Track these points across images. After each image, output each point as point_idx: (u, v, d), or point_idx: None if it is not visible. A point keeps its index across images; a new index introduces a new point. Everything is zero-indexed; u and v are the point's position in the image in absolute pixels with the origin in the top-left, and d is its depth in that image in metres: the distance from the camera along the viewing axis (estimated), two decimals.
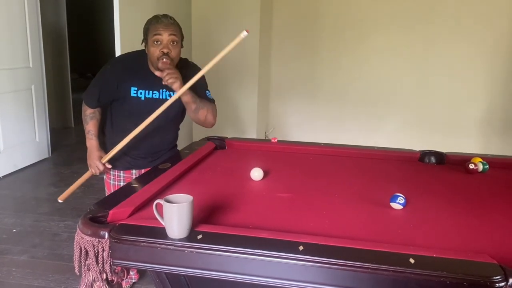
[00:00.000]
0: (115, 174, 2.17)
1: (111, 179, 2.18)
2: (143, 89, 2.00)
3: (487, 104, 4.70)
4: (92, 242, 1.20)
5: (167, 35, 1.89)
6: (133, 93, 1.99)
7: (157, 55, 1.89)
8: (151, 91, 2.01)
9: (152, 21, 1.92)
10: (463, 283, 1.00)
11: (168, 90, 2.02)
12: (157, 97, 2.02)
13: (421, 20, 4.64)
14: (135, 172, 2.17)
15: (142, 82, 2.00)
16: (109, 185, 2.20)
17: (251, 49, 4.59)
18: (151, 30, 1.89)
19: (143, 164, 2.14)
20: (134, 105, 2.01)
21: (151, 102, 2.00)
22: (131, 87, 1.99)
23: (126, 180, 2.15)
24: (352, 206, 1.53)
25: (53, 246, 2.94)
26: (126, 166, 2.15)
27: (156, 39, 1.88)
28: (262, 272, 1.12)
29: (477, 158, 2.01)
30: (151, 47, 1.90)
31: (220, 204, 1.47)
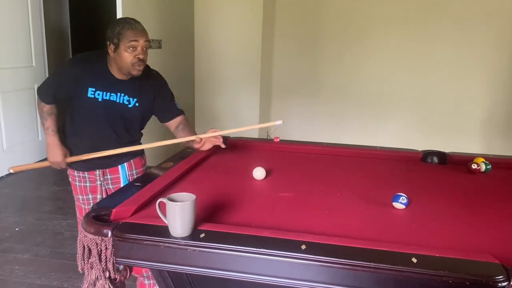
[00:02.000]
0: (79, 175, 2.11)
1: (76, 181, 2.13)
2: (101, 90, 1.96)
3: (490, 104, 4.69)
4: (95, 240, 1.20)
5: (142, 41, 1.88)
6: (91, 93, 1.95)
7: (131, 61, 1.87)
8: (109, 93, 1.97)
9: (125, 25, 1.87)
10: (465, 282, 1.00)
11: (126, 94, 2.00)
12: (114, 99, 1.98)
13: (423, 19, 4.64)
14: (99, 172, 2.11)
15: (101, 83, 1.96)
16: (76, 187, 2.14)
17: (253, 48, 4.60)
18: (126, 36, 1.85)
19: (107, 163, 2.10)
20: (90, 105, 1.97)
21: (108, 104, 1.98)
22: (88, 87, 1.95)
23: (91, 181, 2.11)
24: (354, 206, 1.53)
25: (55, 245, 2.95)
26: (90, 166, 2.09)
27: (132, 45, 1.85)
28: (265, 271, 1.12)
29: (479, 158, 2.01)
30: (125, 53, 1.86)
31: (222, 203, 1.47)
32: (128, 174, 2.15)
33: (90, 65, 1.98)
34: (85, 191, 2.13)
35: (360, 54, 4.88)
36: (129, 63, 1.88)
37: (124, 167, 2.14)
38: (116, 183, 2.13)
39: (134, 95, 2.01)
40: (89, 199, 2.14)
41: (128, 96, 2.00)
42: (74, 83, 1.95)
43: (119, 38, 1.85)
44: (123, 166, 2.13)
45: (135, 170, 2.17)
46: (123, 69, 1.92)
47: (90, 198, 2.13)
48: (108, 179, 2.14)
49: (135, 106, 2.02)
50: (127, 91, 1.99)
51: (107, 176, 2.13)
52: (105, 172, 2.12)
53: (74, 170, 2.12)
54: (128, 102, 2.01)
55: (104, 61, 1.97)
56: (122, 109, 2.01)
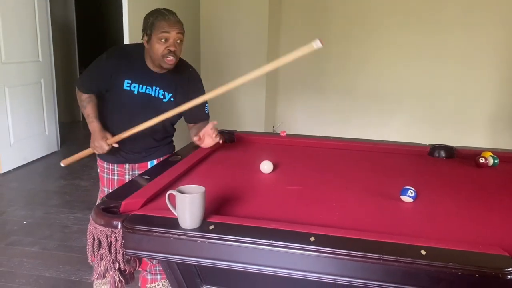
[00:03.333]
0: (109, 167, 2.14)
1: (105, 173, 2.16)
2: (137, 83, 1.95)
3: (497, 99, 4.67)
4: (105, 232, 1.21)
5: (174, 33, 1.84)
6: (126, 86, 1.95)
7: (161, 52, 1.84)
8: (145, 86, 1.97)
9: (159, 16, 1.84)
10: (474, 274, 1.00)
11: (162, 88, 1.99)
12: (150, 92, 1.98)
13: (430, 15, 4.61)
14: (128, 167, 2.14)
15: (137, 76, 1.95)
16: (103, 178, 2.17)
17: (259, 43, 4.59)
18: (157, 27, 1.83)
19: (137, 158, 2.12)
20: (126, 98, 1.97)
21: (143, 97, 1.97)
22: (124, 79, 1.94)
23: (120, 174, 2.13)
24: (362, 199, 1.53)
25: (63, 238, 2.97)
26: (120, 160, 2.11)
27: (164, 36, 1.82)
28: (273, 263, 1.13)
29: (487, 152, 2.00)
30: (156, 44, 1.84)
31: (230, 196, 1.48)
32: None
33: (127, 56, 1.96)
34: (112, 184, 2.15)
35: (367, 49, 4.86)
36: (159, 55, 1.84)
37: (153, 163, 2.12)
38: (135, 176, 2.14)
39: (170, 90, 1.99)
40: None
41: (163, 90, 1.98)
42: (111, 74, 1.94)
43: (152, 29, 1.83)
44: (152, 163, 2.13)
45: None
46: (154, 61, 1.90)
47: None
48: (136, 175, 2.10)
49: (170, 101, 2.00)
50: (163, 85, 1.97)
51: (135, 172, 2.13)
52: (134, 167, 2.13)
53: (104, 162, 2.13)
54: (163, 96, 1.99)
55: (141, 53, 1.95)
56: (157, 103, 1.99)
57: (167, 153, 2.18)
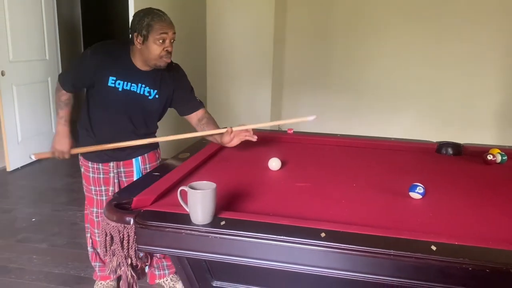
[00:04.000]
0: (94, 166, 2.11)
1: (90, 172, 2.13)
2: (121, 80, 1.94)
3: (504, 95, 4.64)
4: (118, 228, 1.23)
5: (171, 33, 1.87)
6: (111, 82, 1.93)
7: (159, 53, 1.86)
8: (130, 83, 1.95)
9: (155, 17, 1.84)
10: (485, 270, 1.01)
11: (148, 86, 1.98)
12: (135, 90, 1.96)
13: (435, 12, 4.59)
14: (113, 165, 2.11)
15: (122, 72, 1.94)
16: (88, 178, 2.14)
17: (265, 40, 4.59)
18: (155, 28, 1.83)
19: (121, 156, 2.11)
20: (110, 94, 1.96)
21: (128, 94, 1.96)
22: (109, 76, 1.93)
23: (105, 172, 2.11)
24: (371, 196, 1.54)
25: (72, 235, 3.00)
26: (105, 158, 2.10)
27: (162, 37, 1.83)
28: (284, 258, 1.14)
29: (495, 149, 2.00)
30: (154, 45, 1.84)
31: (240, 193, 1.49)
32: (142, 168, 2.15)
33: (113, 53, 1.96)
34: (99, 183, 2.13)
35: (373, 47, 4.85)
36: (157, 55, 1.86)
37: (138, 160, 2.14)
38: (129, 176, 2.14)
39: (155, 86, 1.99)
40: (102, 190, 2.14)
41: (149, 88, 1.98)
42: (95, 70, 1.93)
43: (148, 30, 1.82)
44: (137, 160, 2.13)
45: (149, 164, 2.17)
46: (149, 61, 1.90)
47: (103, 189, 2.14)
48: (122, 172, 2.14)
49: (155, 97, 2.00)
50: (148, 82, 1.97)
51: (121, 169, 2.14)
52: (119, 165, 2.13)
53: (88, 161, 2.12)
54: (148, 93, 1.99)
55: (127, 51, 1.94)
56: (142, 100, 1.99)
57: (152, 149, 2.18)
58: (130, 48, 1.94)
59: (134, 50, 1.93)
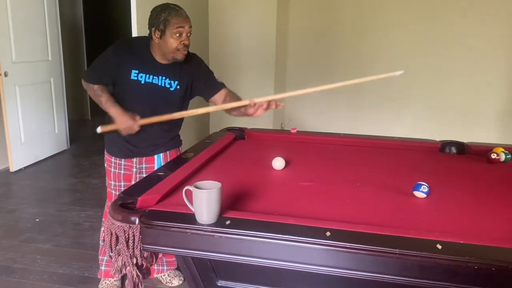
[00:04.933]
0: (116, 162, 2.17)
1: (112, 167, 2.19)
2: (143, 73, 2.01)
3: (508, 94, 4.63)
4: (123, 228, 1.23)
5: (187, 27, 1.93)
6: (134, 75, 2.01)
7: (177, 46, 1.92)
8: (151, 76, 2.03)
9: (172, 12, 1.91)
10: (491, 268, 1.01)
11: (168, 77, 2.04)
12: (157, 82, 2.03)
13: (440, 11, 4.59)
14: (136, 160, 2.17)
15: (144, 66, 2.01)
16: (110, 173, 2.20)
17: (267, 39, 4.59)
18: (172, 23, 1.89)
19: (144, 152, 2.16)
20: (133, 87, 2.03)
21: (150, 87, 2.03)
22: (132, 69, 2.00)
23: (127, 169, 2.17)
24: (375, 194, 1.54)
25: (75, 235, 3.00)
26: (128, 154, 2.15)
27: (179, 31, 1.90)
28: (289, 257, 1.14)
29: (499, 148, 1.99)
30: (171, 39, 1.91)
31: (244, 192, 1.49)
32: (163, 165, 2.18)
33: (133, 48, 2.04)
34: (118, 178, 2.19)
35: (376, 46, 4.85)
36: (174, 49, 1.92)
37: (160, 157, 2.19)
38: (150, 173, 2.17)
39: (175, 78, 2.05)
40: (121, 185, 2.19)
41: (169, 79, 2.05)
42: (118, 65, 2.01)
43: (165, 25, 1.89)
44: (158, 156, 2.19)
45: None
46: (167, 55, 1.97)
47: (122, 185, 2.19)
48: (143, 168, 2.19)
49: (176, 89, 2.06)
50: (168, 75, 2.03)
51: (143, 165, 2.19)
52: (141, 161, 2.18)
53: (111, 156, 2.18)
54: (170, 85, 2.05)
55: (147, 45, 2.02)
56: (164, 92, 2.05)
57: (174, 148, 2.24)
58: (150, 43, 2.01)
59: (153, 45, 2.00)
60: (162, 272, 2.35)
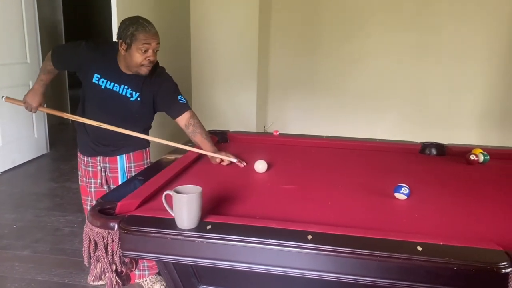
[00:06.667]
0: (84, 159, 2.23)
1: (82, 164, 2.25)
2: (105, 78, 2.03)
3: (486, 96, 4.72)
4: (102, 234, 1.21)
5: (154, 44, 1.93)
6: (95, 79, 2.03)
7: (141, 62, 1.92)
8: (113, 83, 2.04)
9: (139, 28, 1.89)
10: (470, 269, 1.02)
11: (130, 88, 2.04)
12: (117, 90, 2.04)
13: (419, 13, 4.65)
14: (100, 159, 2.18)
15: (107, 72, 2.03)
16: (81, 169, 2.28)
17: (250, 43, 4.59)
18: (139, 38, 1.89)
19: (106, 152, 2.17)
20: (93, 90, 2.05)
21: (110, 93, 2.04)
22: (94, 73, 2.03)
23: (93, 166, 2.20)
24: (357, 197, 1.54)
25: (55, 241, 2.94)
26: (92, 152, 2.19)
27: (145, 47, 1.89)
28: (271, 261, 1.13)
29: (478, 149, 2.03)
30: (136, 53, 1.91)
31: (226, 196, 1.48)
32: (126, 166, 2.19)
33: (102, 53, 2.05)
34: (88, 175, 2.23)
35: (357, 48, 4.89)
36: (139, 64, 1.93)
37: (122, 158, 2.18)
38: (114, 173, 2.19)
39: (137, 89, 2.04)
40: (91, 182, 2.23)
41: (131, 90, 2.04)
42: (83, 64, 2.04)
43: (132, 40, 1.89)
44: (121, 157, 2.18)
45: (134, 163, 2.20)
46: (131, 68, 1.97)
47: (92, 182, 2.22)
48: (107, 167, 2.19)
49: (137, 100, 2.05)
50: (131, 85, 2.03)
51: (107, 164, 2.19)
52: (105, 160, 2.19)
53: (81, 154, 2.24)
54: (130, 95, 2.05)
55: (115, 53, 2.02)
56: (124, 101, 2.05)
57: (139, 149, 2.21)
58: (117, 52, 2.01)
59: (119, 55, 2.01)
60: (144, 277, 2.32)
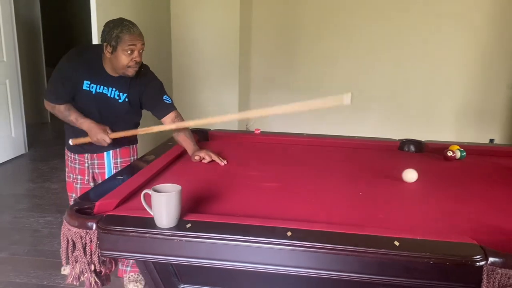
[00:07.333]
0: (71, 156, 2.23)
1: (69, 161, 2.25)
2: (95, 83, 2.03)
3: (463, 94, 4.82)
4: (80, 234, 1.19)
5: (140, 45, 1.93)
6: (86, 86, 2.02)
7: (127, 63, 1.92)
8: (102, 86, 2.03)
9: (124, 29, 1.89)
10: (446, 263, 1.04)
11: (117, 89, 2.04)
12: (107, 93, 2.04)
13: (398, 13, 4.71)
14: (88, 156, 2.19)
15: (95, 77, 2.02)
16: (68, 166, 2.28)
17: (231, 41, 4.58)
18: (124, 40, 1.88)
19: (94, 149, 2.15)
20: (85, 97, 2.04)
21: (100, 97, 2.04)
22: (84, 80, 2.01)
23: (81, 163, 2.21)
24: (336, 193, 1.56)
25: (34, 242, 2.89)
26: (79, 150, 2.18)
27: (130, 49, 1.89)
28: (251, 259, 1.13)
29: (455, 146, 2.07)
30: (122, 55, 1.91)
31: (207, 194, 1.48)
32: (113, 162, 2.21)
33: (86, 59, 2.03)
34: (75, 172, 2.24)
35: (337, 47, 4.93)
36: (125, 65, 1.93)
37: (109, 154, 2.19)
38: (101, 169, 2.21)
39: (125, 90, 2.05)
40: (78, 179, 2.24)
41: (118, 91, 2.04)
42: (72, 76, 2.01)
43: (117, 42, 1.88)
44: (108, 153, 2.19)
45: (120, 158, 2.22)
46: (117, 70, 1.96)
47: (79, 178, 2.24)
48: (95, 164, 2.20)
49: (125, 101, 2.06)
50: (118, 87, 2.04)
51: (94, 161, 2.20)
52: (93, 157, 2.19)
53: (68, 151, 2.24)
54: (118, 97, 2.05)
55: (99, 56, 2.01)
56: (113, 103, 2.05)
57: (126, 145, 2.23)
58: (102, 54, 2.00)
59: (105, 58, 2.00)
60: (126, 273, 2.33)
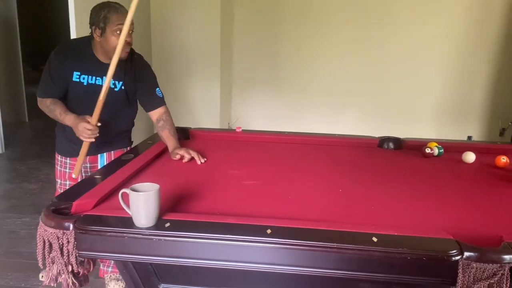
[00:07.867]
0: (62, 160, 2.16)
1: (59, 165, 2.18)
2: (86, 74, 1.97)
3: (441, 92, 4.89)
4: (56, 234, 1.17)
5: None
6: (76, 77, 1.96)
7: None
8: (94, 77, 1.98)
9: (111, 10, 1.87)
10: (422, 258, 1.05)
11: (113, 78, 1.91)
12: (100, 83, 1.97)
13: (377, 12, 4.76)
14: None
15: (86, 67, 1.97)
16: (57, 171, 2.20)
17: (212, 40, 4.55)
18: (112, 20, 1.85)
19: (88, 151, 2.06)
20: (76, 90, 1.98)
21: (93, 88, 1.96)
22: (73, 71, 1.96)
23: (72, 167, 2.14)
24: (316, 190, 1.56)
25: (10, 244, 2.84)
26: (72, 153, 2.11)
27: (119, 28, 1.84)
28: (231, 257, 1.13)
29: (433, 143, 2.10)
30: (112, 36, 1.87)
31: (186, 193, 1.47)
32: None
33: (75, 49, 1.98)
34: (64, 177, 2.16)
35: (318, 46, 4.95)
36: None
37: (103, 156, 2.16)
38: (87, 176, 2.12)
39: (120, 78, 1.99)
40: (66, 184, 2.16)
41: (114, 80, 1.97)
42: (60, 69, 1.95)
43: (106, 23, 1.85)
44: (102, 156, 2.15)
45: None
46: (109, 53, 1.90)
47: (67, 184, 2.16)
48: (88, 167, 2.16)
49: (121, 89, 2.01)
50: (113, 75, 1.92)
51: (87, 164, 2.15)
52: (86, 160, 2.12)
53: (59, 155, 2.17)
54: (114, 85, 1.99)
55: (89, 45, 1.97)
56: (109, 92, 1.92)
57: (120, 147, 2.20)
58: (92, 42, 1.96)
59: (95, 44, 1.95)
60: (107, 273, 2.27)
